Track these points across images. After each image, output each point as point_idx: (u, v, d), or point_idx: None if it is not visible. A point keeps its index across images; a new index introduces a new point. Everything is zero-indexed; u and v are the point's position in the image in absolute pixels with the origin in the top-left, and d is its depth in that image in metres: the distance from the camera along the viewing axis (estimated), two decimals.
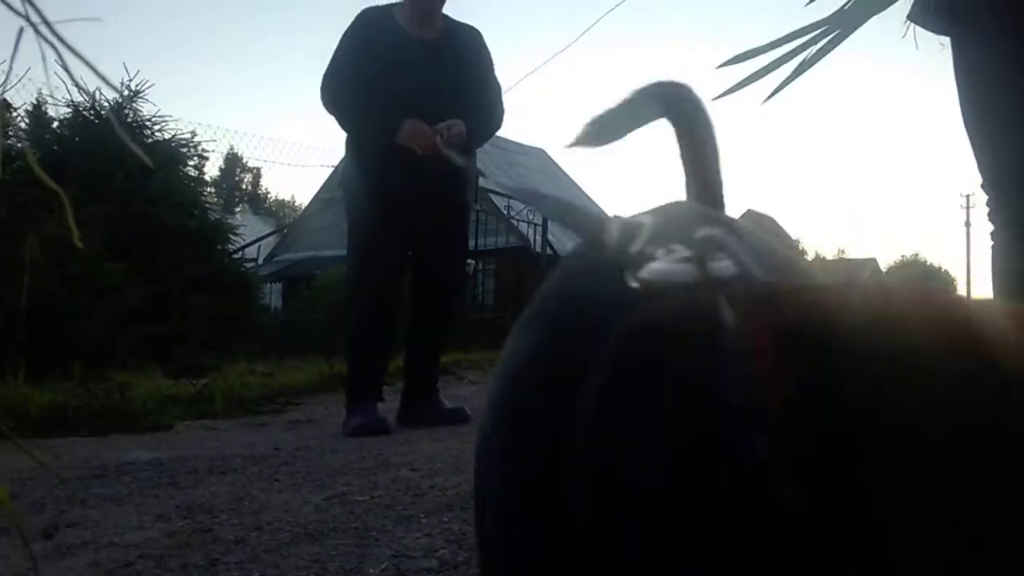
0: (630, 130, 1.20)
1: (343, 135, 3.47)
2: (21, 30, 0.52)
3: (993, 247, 1.97)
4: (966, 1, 1.88)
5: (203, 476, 2.27)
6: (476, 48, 3.55)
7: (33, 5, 0.50)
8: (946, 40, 1.99)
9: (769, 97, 2.13)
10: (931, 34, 2.03)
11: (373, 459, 2.51)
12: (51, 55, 0.53)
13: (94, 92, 8.75)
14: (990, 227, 1.96)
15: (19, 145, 8.32)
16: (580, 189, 25.87)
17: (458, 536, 1.66)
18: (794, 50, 2.09)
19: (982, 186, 1.94)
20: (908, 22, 2.08)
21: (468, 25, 3.58)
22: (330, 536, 1.66)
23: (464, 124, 3.31)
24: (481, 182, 3.39)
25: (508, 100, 3.89)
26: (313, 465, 2.43)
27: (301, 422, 3.61)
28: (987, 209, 1.94)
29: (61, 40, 0.51)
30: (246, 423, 3.59)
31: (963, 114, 1.97)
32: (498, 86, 3.63)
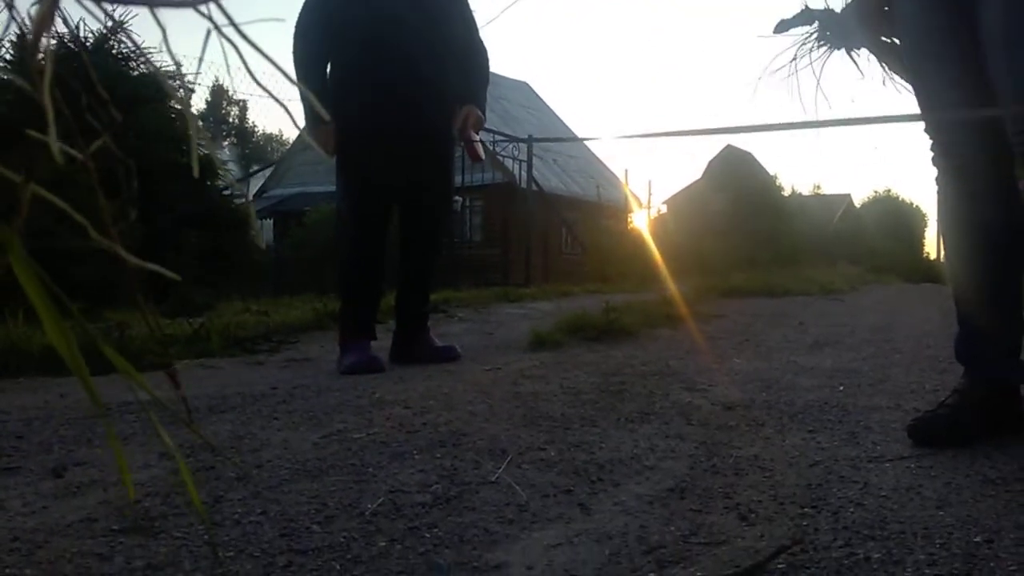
0: None
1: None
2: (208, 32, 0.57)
3: (938, 190, 2.07)
4: None
5: (204, 415, 2.35)
6: None
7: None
8: None
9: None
10: None
11: (368, 397, 2.59)
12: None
13: (77, 23, 8.62)
14: (934, 171, 2.05)
15: (5, 78, 8.20)
16: (563, 122, 25.72)
17: (450, 471, 1.74)
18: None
19: (925, 130, 2.03)
20: None
21: None
22: (328, 473, 1.75)
23: (476, 109, 3.45)
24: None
25: (490, 32, 3.91)
26: (310, 404, 2.51)
27: (297, 360, 3.68)
28: (931, 153, 2.04)
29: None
30: (243, 362, 3.66)
31: (904, 61, 2.07)
32: (476, 22, 3.66)
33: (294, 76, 3.37)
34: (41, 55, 0.59)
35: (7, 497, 1.60)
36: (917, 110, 2.06)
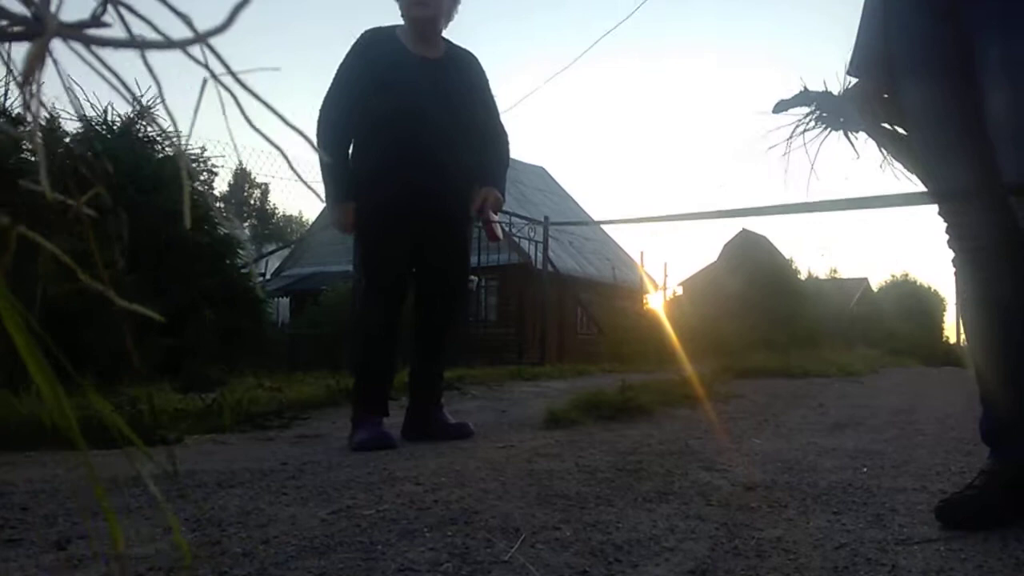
0: None
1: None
2: (205, 81, 0.56)
3: (955, 274, 2.07)
4: (900, 54, 2.02)
5: (212, 489, 2.30)
6: (477, 71, 3.64)
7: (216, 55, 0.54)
8: None
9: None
10: None
11: (378, 473, 2.54)
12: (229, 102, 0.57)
13: (106, 107, 8.83)
14: (951, 253, 2.06)
15: (34, 159, 8.37)
16: (578, 204, 25.97)
17: (462, 550, 1.69)
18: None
19: (939, 214, 2.04)
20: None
21: (466, 49, 3.66)
22: (336, 550, 1.70)
23: (495, 191, 3.50)
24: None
25: (509, 119, 3.99)
26: (320, 479, 2.46)
27: (308, 436, 3.64)
28: (947, 236, 2.05)
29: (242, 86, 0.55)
30: (254, 437, 3.62)
31: (915, 147, 2.10)
32: (498, 109, 3.73)
33: (315, 143, 3.45)
34: (32, 98, 0.58)
35: (8, 569, 1.56)
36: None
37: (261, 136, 0.62)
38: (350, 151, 3.48)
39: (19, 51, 0.58)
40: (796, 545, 1.75)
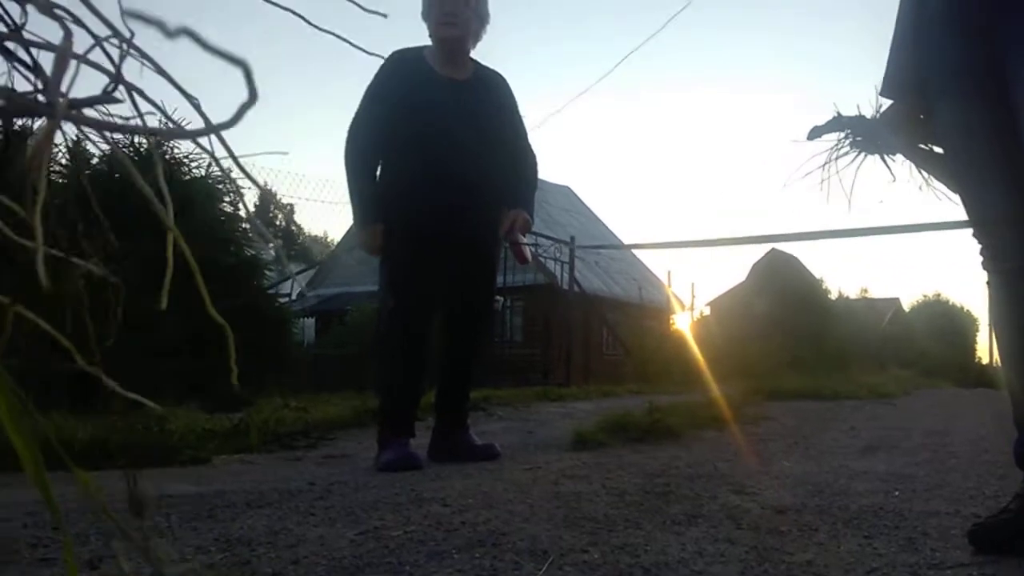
0: None
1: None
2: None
3: (989, 295, 2.05)
4: (933, 75, 2.01)
5: (240, 510, 2.31)
6: (505, 92, 3.65)
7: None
8: None
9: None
10: None
11: (406, 494, 2.54)
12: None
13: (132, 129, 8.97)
14: (985, 274, 2.03)
15: (61, 181, 8.50)
16: (604, 224, 25.93)
17: (489, 572, 1.68)
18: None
19: (973, 235, 2.02)
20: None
21: (494, 70, 3.67)
22: (365, 571, 1.70)
23: (524, 213, 3.51)
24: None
25: (534, 139, 4.00)
26: (347, 500, 2.47)
27: (335, 457, 3.65)
28: (980, 258, 2.03)
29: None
30: (281, 457, 3.63)
31: (949, 168, 2.08)
32: (526, 130, 3.74)
33: (346, 177, 3.48)
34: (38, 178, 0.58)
35: None
36: (962, 215, 2.05)
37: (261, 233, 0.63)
38: (378, 173, 3.50)
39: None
40: (827, 569, 1.73)
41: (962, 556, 1.82)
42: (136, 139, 9.39)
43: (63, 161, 9.75)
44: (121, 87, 0.61)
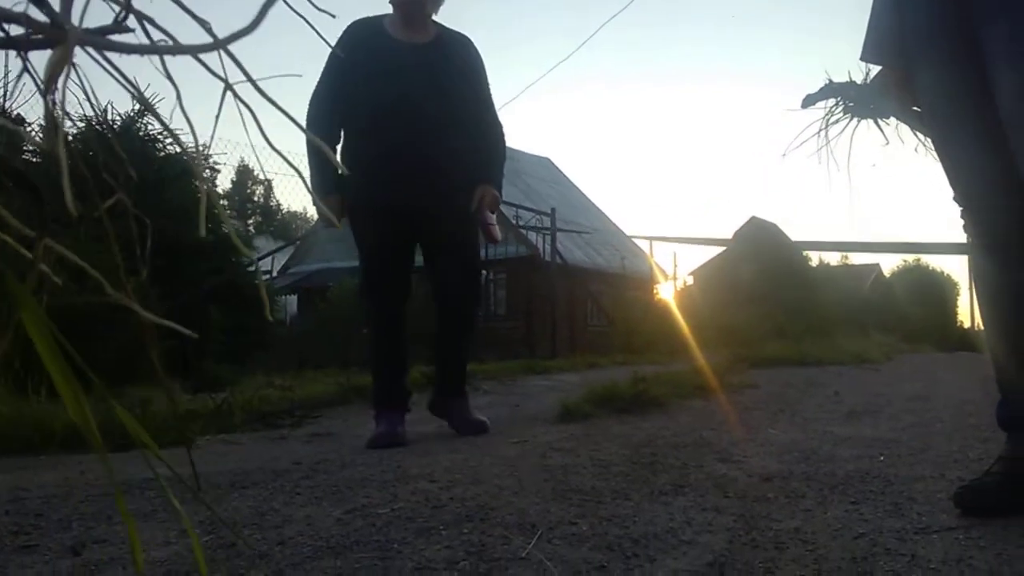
0: None
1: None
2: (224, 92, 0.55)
3: (970, 259, 2.05)
4: (911, 39, 2.01)
5: (225, 491, 2.30)
6: (470, 53, 3.55)
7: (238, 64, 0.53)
8: None
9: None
10: None
11: (393, 471, 2.53)
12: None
13: (106, 106, 8.81)
14: (967, 239, 2.04)
15: (36, 160, 8.38)
16: (585, 196, 25.89)
17: (478, 547, 1.67)
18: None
19: (954, 199, 2.02)
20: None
21: (460, 33, 3.57)
22: (352, 549, 1.68)
23: (491, 188, 3.44)
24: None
25: (513, 109, 3.93)
26: (333, 478, 2.45)
27: (320, 435, 3.63)
28: (962, 222, 2.03)
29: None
30: (266, 437, 3.61)
31: (930, 136, 2.08)
32: (491, 98, 3.63)
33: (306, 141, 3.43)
34: (56, 106, 0.56)
35: None
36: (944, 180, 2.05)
37: (278, 154, 0.60)
38: (340, 145, 3.45)
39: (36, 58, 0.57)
40: (814, 536, 1.73)
41: (948, 520, 1.83)
42: (111, 116, 9.21)
43: (37, 139, 9.64)
44: (132, 17, 0.58)
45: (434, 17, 3.51)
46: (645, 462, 2.63)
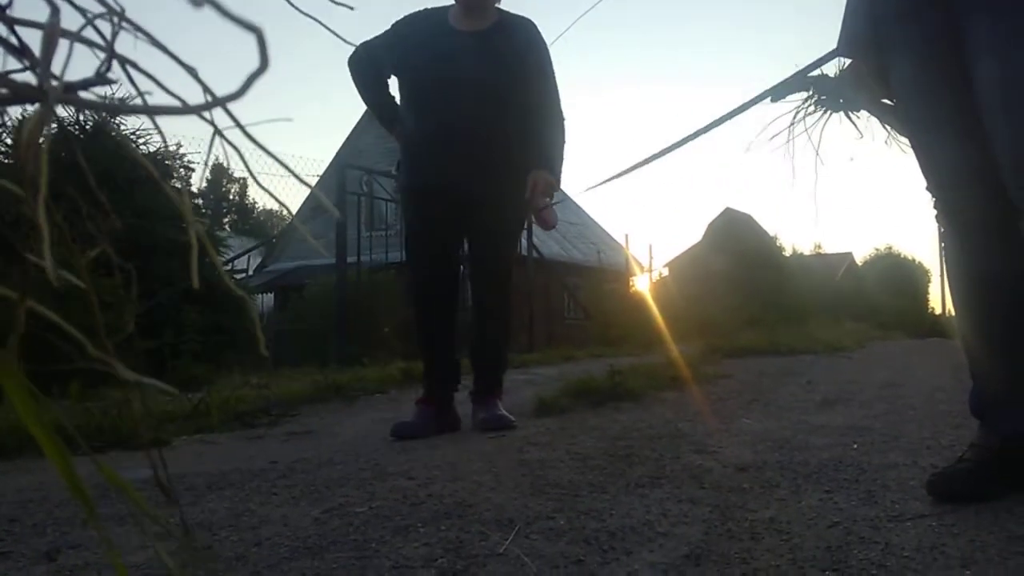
0: None
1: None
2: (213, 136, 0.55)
3: (943, 247, 2.08)
4: (886, 30, 2.03)
5: (202, 492, 2.29)
6: (529, 37, 3.45)
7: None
8: None
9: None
10: None
11: (370, 469, 2.53)
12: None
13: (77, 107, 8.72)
14: (938, 227, 2.06)
15: (7, 161, 8.29)
16: (561, 189, 25.90)
17: (456, 544, 1.68)
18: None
19: (927, 188, 2.04)
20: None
21: (522, 16, 3.48)
22: (329, 549, 1.68)
23: (546, 173, 3.34)
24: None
25: None
26: (310, 477, 2.45)
27: (297, 433, 3.62)
28: (934, 211, 2.05)
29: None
30: (243, 436, 3.60)
31: (904, 125, 2.10)
32: (556, 84, 3.51)
33: (361, 101, 3.56)
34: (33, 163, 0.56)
35: None
36: (919, 173, 2.07)
37: (272, 197, 0.61)
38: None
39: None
40: (789, 525, 1.75)
41: (921, 507, 1.86)
42: (82, 118, 9.13)
43: (8, 142, 9.49)
44: (116, 66, 0.58)
45: (498, 6, 3.45)
46: (621, 455, 2.65)
